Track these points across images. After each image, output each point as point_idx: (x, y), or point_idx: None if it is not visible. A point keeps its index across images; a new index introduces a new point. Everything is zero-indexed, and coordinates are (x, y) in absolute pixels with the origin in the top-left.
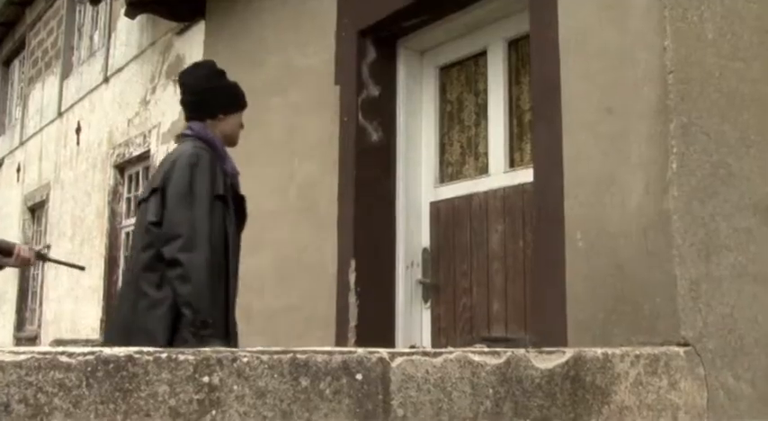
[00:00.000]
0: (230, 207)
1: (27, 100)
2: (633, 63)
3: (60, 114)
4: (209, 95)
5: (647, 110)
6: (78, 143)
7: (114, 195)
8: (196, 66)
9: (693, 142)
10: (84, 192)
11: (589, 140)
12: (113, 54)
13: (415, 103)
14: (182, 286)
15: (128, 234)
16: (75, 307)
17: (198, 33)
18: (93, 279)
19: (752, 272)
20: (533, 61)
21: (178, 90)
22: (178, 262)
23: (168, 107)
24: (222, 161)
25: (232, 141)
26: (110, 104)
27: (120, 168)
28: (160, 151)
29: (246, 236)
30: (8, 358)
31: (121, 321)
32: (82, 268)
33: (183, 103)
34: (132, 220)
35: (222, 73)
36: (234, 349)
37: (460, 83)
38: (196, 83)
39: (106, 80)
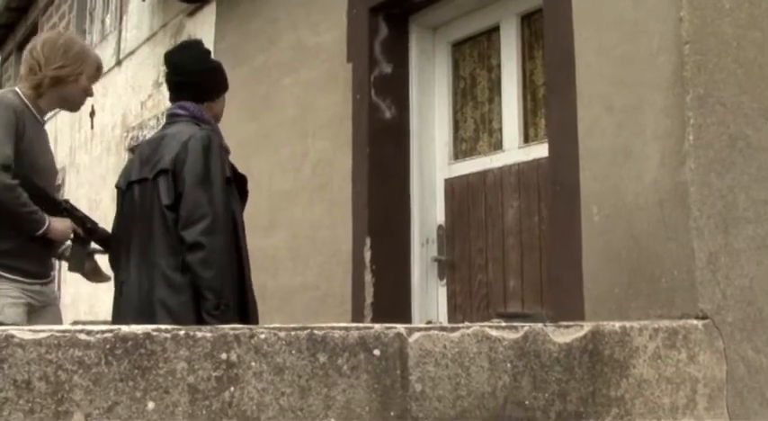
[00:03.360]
0: (234, 188)
1: None
2: (648, 34)
3: None
4: (205, 77)
5: (662, 81)
6: (92, 127)
7: None
8: (185, 46)
9: (710, 113)
10: (100, 176)
11: (604, 113)
12: (125, 37)
13: (427, 79)
14: (205, 270)
15: None
16: (92, 290)
17: (209, 14)
18: None
19: None
20: (547, 35)
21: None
22: (201, 245)
23: None
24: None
25: (218, 121)
26: (123, 87)
27: (135, 151)
28: None
29: (261, 215)
30: (28, 336)
31: (137, 304)
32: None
33: (172, 82)
34: None
35: (210, 53)
36: (251, 326)
37: (473, 59)
38: (189, 64)
39: (119, 63)
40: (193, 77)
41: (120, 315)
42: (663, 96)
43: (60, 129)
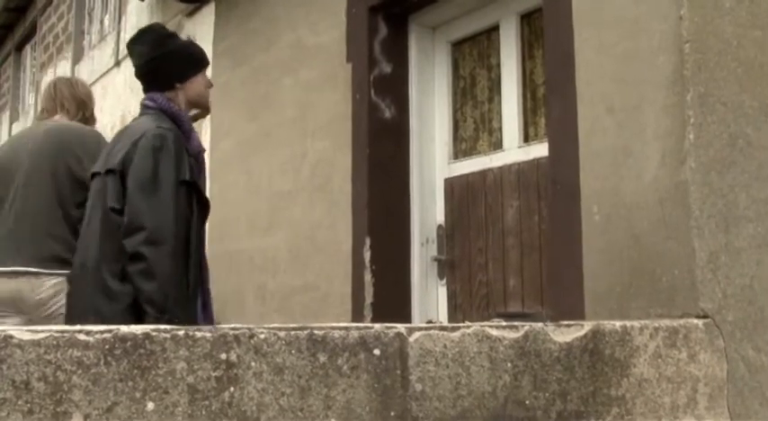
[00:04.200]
0: (193, 193)
1: (40, 86)
2: (648, 33)
3: None
4: (161, 63)
5: (663, 80)
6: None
7: None
8: (142, 32)
9: (711, 112)
10: None
11: (604, 113)
12: (124, 37)
13: (427, 79)
14: (145, 282)
15: None
16: None
17: (208, 14)
18: None
19: None
20: (547, 34)
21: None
22: (141, 256)
23: None
24: (187, 139)
25: (203, 105)
26: (122, 88)
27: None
28: None
29: (260, 215)
30: (27, 336)
31: (81, 308)
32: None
33: (136, 74)
34: None
35: (171, 35)
36: (251, 325)
37: (473, 58)
38: (145, 52)
39: (117, 64)
40: (151, 65)
41: (70, 316)
42: (663, 95)
43: None
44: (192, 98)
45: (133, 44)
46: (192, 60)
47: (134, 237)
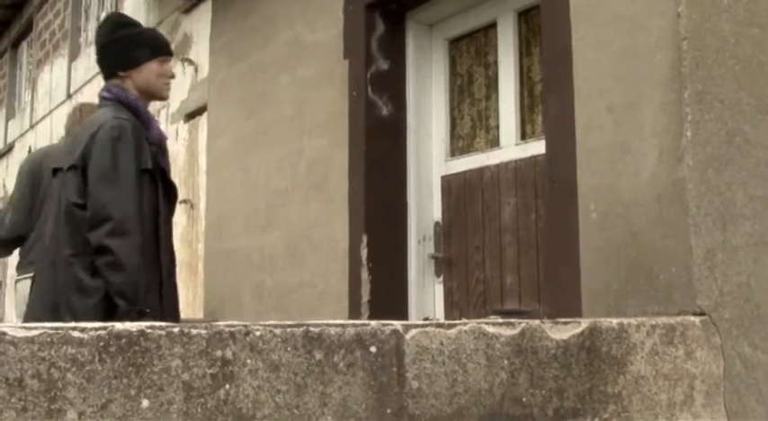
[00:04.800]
0: (158, 180)
1: (36, 83)
2: (646, 30)
3: (70, 96)
4: (113, 49)
5: (660, 77)
6: None
7: None
8: (103, 20)
9: (708, 110)
10: None
11: (601, 110)
12: None
13: (424, 76)
14: (114, 275)
15: None
16: None
17: (205, 11)
18: None
19: None
20: (544, 31)
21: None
22: (108, 248)
23: (177, 87)
24: (147, 127)
25: (155, 95)
26: None
27: None
28: (169, 131)
29: (257, 213)
30: (20, 333)
31: (50, 303)
32: None
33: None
34: None
35: (127, 24)
36: (247, 322)
37: (470, 55)
38: (98, 40)
39: None
40: (103, 53)
41: (32, 312)
42: (661, 92)
43: (56, 127)
44: (140, 86)
45: (95, 33)
46: (140, 48)
47: (99, 229)
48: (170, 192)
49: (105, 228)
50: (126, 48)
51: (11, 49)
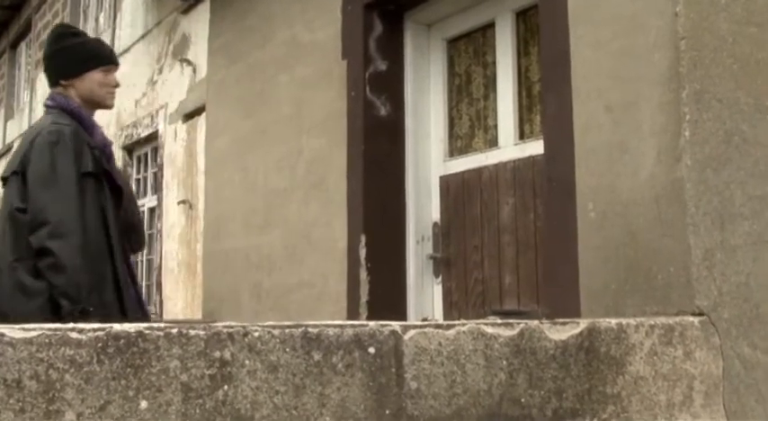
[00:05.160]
0: (104, 183)
1: (35, 83)
2: (644, 30)
3: None
4: (56, 58)
5: (658, 77)
6: None
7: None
8: (50, 30)
9: (706, 109)
10: None
11: (600, 109)
12: (119, 35)
13: (422, 76)
14: (55, 276)
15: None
16: None
17: (203, 12)
18: None
19: (767, 239)
20: (542, 31)
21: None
22: (48, 251)
23: (175, 87)
24: (90, 134)
25: (99, 103)
26: None
27: (129, 149)
28: (168, 132)
29: (256, 213)
30: (18, 334)
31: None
32: None
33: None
34: (142, 201)
35: (72, 34)
36: (245, 323)
37: (468, 55)
38: (45, 49)
39: None
40: (48, 61)
41: None
42: (659, 92)
43: None
44: (83, 95)
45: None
46: (83, 58)
47: (39, 232)
48: (119, 195)
49: (44, 231)
50: (69, 57)
51: (9, 50)
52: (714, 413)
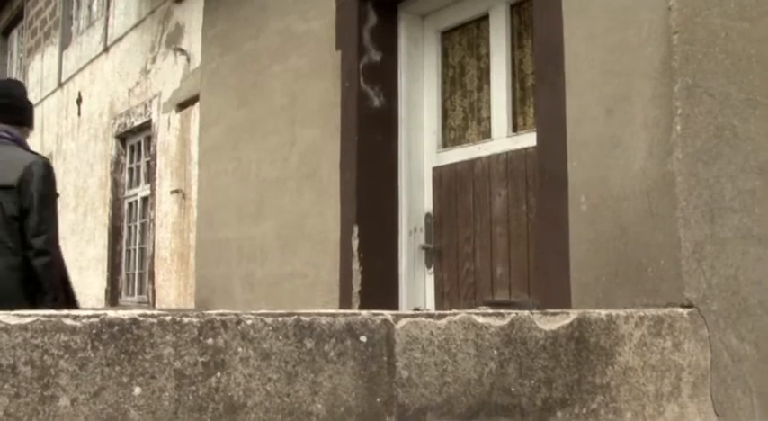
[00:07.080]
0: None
1: (27, 71)
2: (637, 24)
3: (61, 85)
4: (25, 111)
5: (651, 71)
6: (79, 114)
7: (116, 165)
8: (15, 82)
9: (698, 104)
10: (87, 163)
11: (592, 103)
12: (113, 23)
13: (416, 67)
14: (50, 271)
15: (131, 204)
16: (79, 277)
17: (197, 1)
18: (98, 249)
19: (756, 233)
20: (536, 24)
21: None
22: (47, 252)
23: (168, 76)
24: None
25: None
26: (110, 74)
27: (122, 138)
28: (161, 121)
29: (249, 203)
30: (13, 321)
31: None
32: None
33: (2, 106)
34: (135, 190)
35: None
36: (238, 311)
37: (462, 47)
38: (21, 95)
39: (106, 50)
40: (20, 106)
41: None
42: (651, 86)
43: (47, 116)
44: (23, 138)
45: (8, 84)
46: (32, 116)
47: (40, 237)
48: None
49: (45, 238)
50: (31, 112)
51: (1, 37)
52: (701, 404)
